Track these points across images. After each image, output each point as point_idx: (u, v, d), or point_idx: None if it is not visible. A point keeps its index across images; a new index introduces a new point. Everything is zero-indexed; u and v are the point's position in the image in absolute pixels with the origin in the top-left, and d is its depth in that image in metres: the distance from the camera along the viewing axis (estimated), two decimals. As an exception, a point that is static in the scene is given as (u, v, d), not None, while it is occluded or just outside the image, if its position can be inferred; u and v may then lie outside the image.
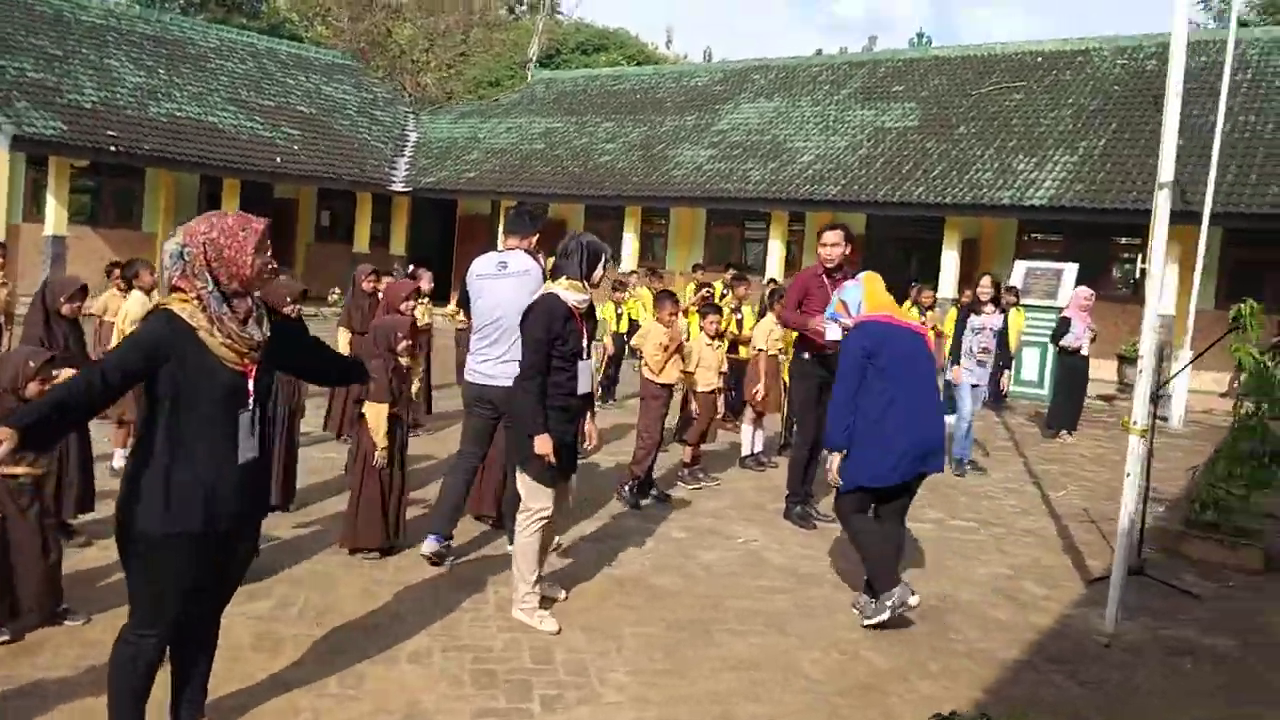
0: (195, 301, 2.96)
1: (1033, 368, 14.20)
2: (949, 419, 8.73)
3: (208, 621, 3.31)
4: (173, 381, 2.92)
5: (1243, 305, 6.78)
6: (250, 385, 3.04)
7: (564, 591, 5.01)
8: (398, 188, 22.75)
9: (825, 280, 6.66)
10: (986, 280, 9.09)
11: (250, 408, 3.05)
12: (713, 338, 7.64)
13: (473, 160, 23.04)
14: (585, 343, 4.72)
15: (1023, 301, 14.06)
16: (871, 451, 4.86)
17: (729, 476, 8.14)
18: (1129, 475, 5.18)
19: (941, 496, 8.07)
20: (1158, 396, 6.30)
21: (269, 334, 3.12)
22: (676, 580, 5.45)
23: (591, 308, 4.77)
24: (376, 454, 5.29)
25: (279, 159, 20.81)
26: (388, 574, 5.20)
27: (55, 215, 17.96)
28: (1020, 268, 15.11)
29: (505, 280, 5.43)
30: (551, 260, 4.92)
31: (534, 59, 41.85)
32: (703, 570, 5.67)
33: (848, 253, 6.75)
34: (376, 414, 5.32)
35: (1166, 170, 5.16)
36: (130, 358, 2.91)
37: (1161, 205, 5.15)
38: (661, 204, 20.15)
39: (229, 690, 3.77)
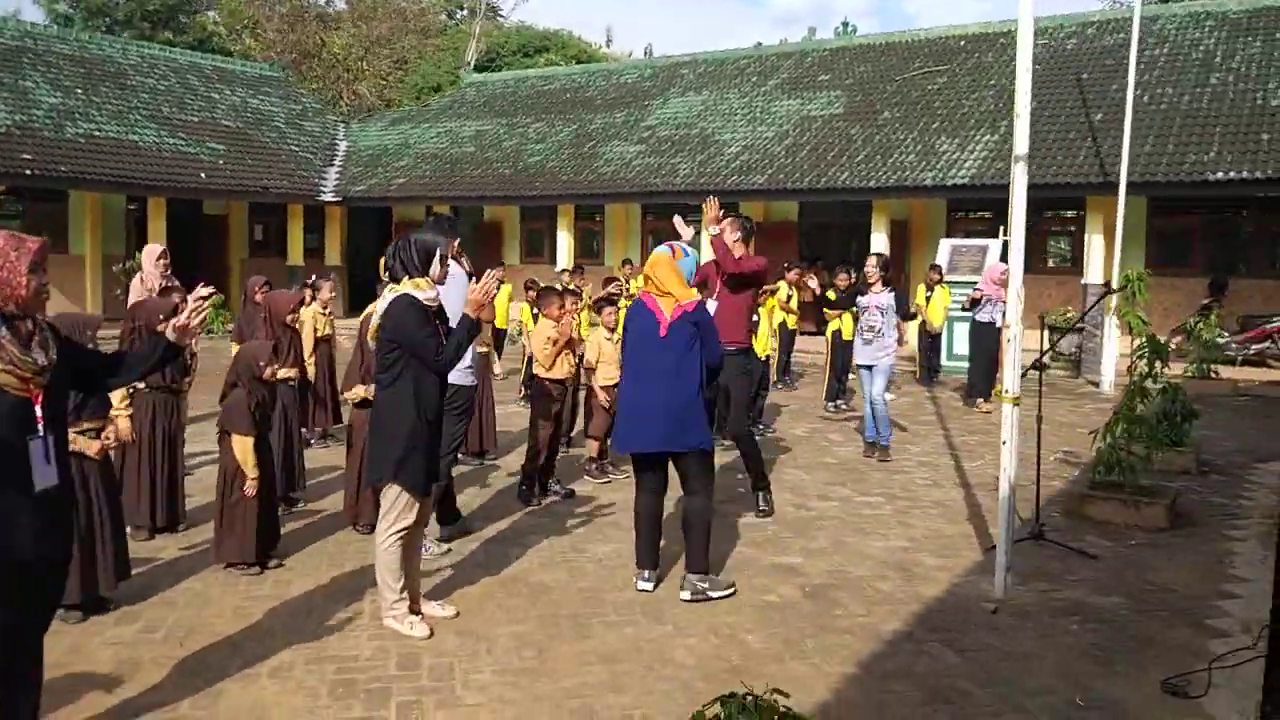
0: None
1: (963, 342, 14.30)
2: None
3: (25, 659, 3.15)
4: None
5: (1129, 272, 6.87)
6: (38, 411, 2.93)
7: (453, 609, 4.82)
8: (328, 198, 22.49)
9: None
10: (872, 260, 9.16)
11: (40, 433, 2.94)
12: (611, 330, 7.60)
13: (403, 166, 22.83)
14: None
15: (948, 278, 14.23)
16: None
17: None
18: (1004, 443, 5.21)
19: (852, 473, 8.13)
20: (1041, 366, 6.36)
21: (56, 357, 3.00)
22: (561, 576, 5.40)
23: (440, 306, 4.67)
24: (248, 484, 5.19)
25: (203, 174, 20.47)
26: (264, 589, 5.11)
27: (-28, 243, 17.51)
28: (945, 246, 15.25)
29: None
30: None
31: (471, 63, 41.63)
32: (592, 564, 5.63)
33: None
34: (243, 447, 5.21)
35: (1020, 144, 5.22)
36: None
37: (1017, 178, 5.22)
38: (591, 201, 20.10)
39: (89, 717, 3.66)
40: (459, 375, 5.94)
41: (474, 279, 6.47)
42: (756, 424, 9.52)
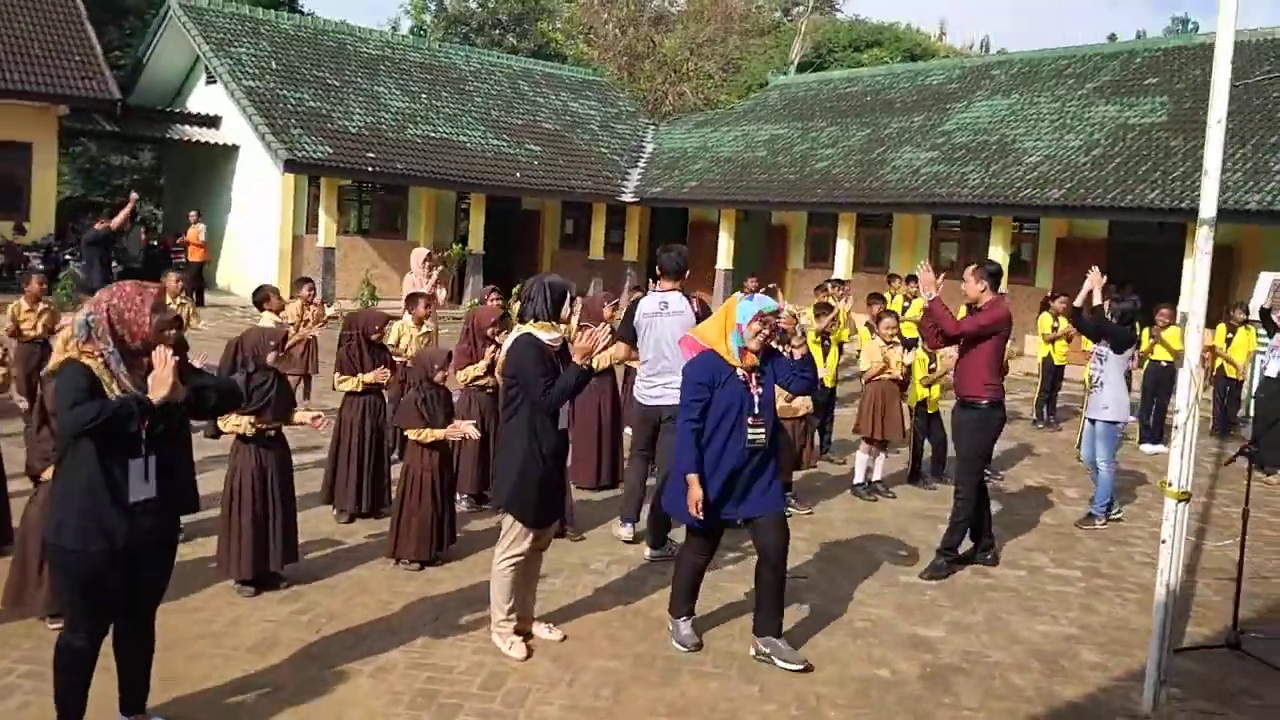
0: (99, 360, 3.46)
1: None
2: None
3: (134, 631, 3.79)
4: None
5: None
6: (144, 435, 3.49)
7: (560, 634, 5.06)
8: (627, 197, 23.62)
9: (965, 318, 6.57)
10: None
11: (142, 454, 3.50)
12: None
13: (697, 169, 23.46)
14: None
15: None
16: None
17: (824, 505, 7.93)
18: (1164, 542, 4.62)
19: (1063, 538, 7.44)
20: (1249, 453, 5.52)
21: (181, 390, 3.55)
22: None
23: (565, 345, 4.92)
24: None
25: (519, 174, 22.27)
26: (414, 585, 5.64)
27: (326, 228, 20.27)
28: (1265, 280, 13.33)
29: (668, 319, 6.35)
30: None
31: (796, 60, 41.71)
32: (722, 606, 5.64)
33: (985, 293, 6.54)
34: (415, 436, 5.79)
35: (1208, 205, 4.58)
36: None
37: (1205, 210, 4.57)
38: (871, 210, 19.56)
39: (205, 687, 4.31)
40: (671, 396, 6.07)
41: (699, 320, 6.62)
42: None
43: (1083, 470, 9.74)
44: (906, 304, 13.41)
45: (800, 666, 4.80)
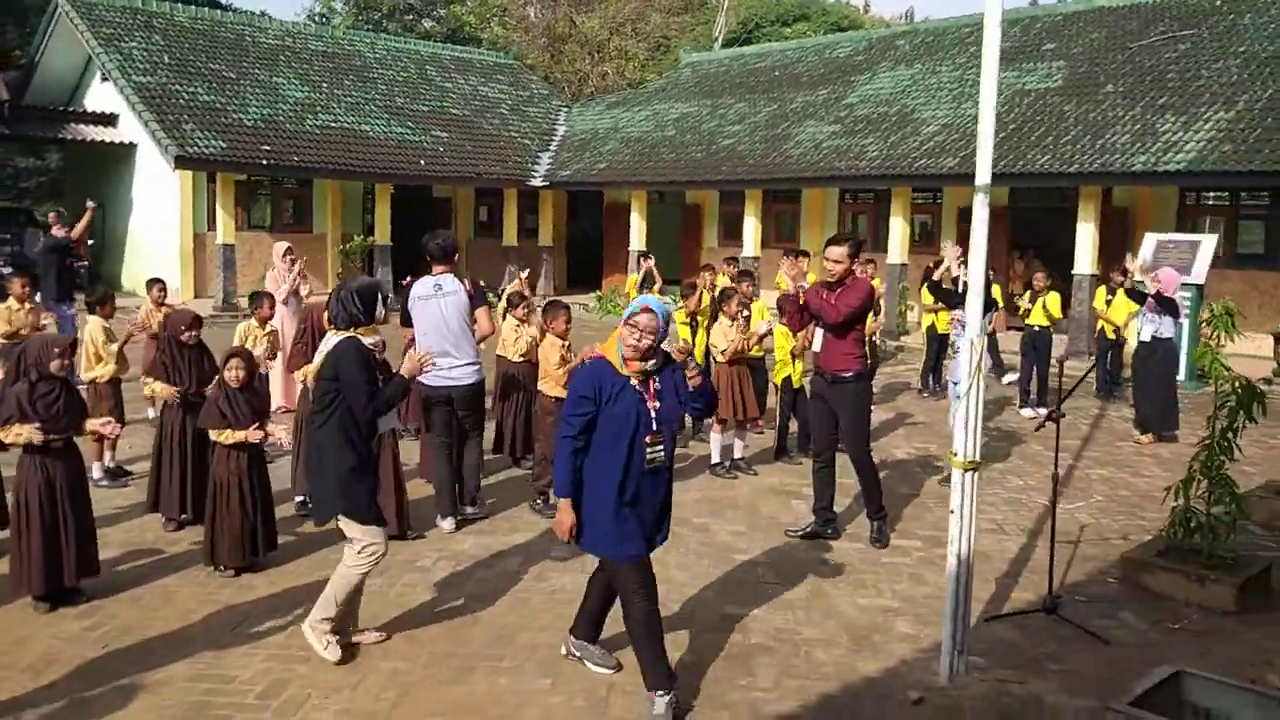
0: None
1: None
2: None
3: None
4: None
5: (1215, 305, 5.82)
6: None
7: (381, 635, 4.95)
8: (537, 182, 23.37)
9: (826, 292, 6.47)
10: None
11: None
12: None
13: (607, 151, 23.27)
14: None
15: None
16: None
17: (682, 486, 7.88)
18: (952, 512, 4.61)
19: (910, 509, 7.44)
20: (1058, 417, 5.55)
21: None
22: (501, 607, 5.37)
23: (385, 361, 4.83)
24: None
25: (423, 161, 21.90)
26: (225, 593, 5.47)
27: (224, 225, 19.77)
28: (1150, 240, 13.53)
29: (445, 299, 6.53)
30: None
31: (720, 38, 41.58)
32: (541, 597, 5.55)
33: (852, 267, 6.52)
34: (218, 437, 5.61)
35: (983, 173, 4.55)
36: None
37: (978, 209, 4.56)
38: (775, 185, 19.52)
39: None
40: (465, 375, 6.59)
41: (474, 299, 6.69)
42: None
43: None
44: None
45: (612, 670, 4.62)
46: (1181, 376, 11.78)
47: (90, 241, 17.76)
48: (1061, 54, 18.49)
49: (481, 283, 7.43)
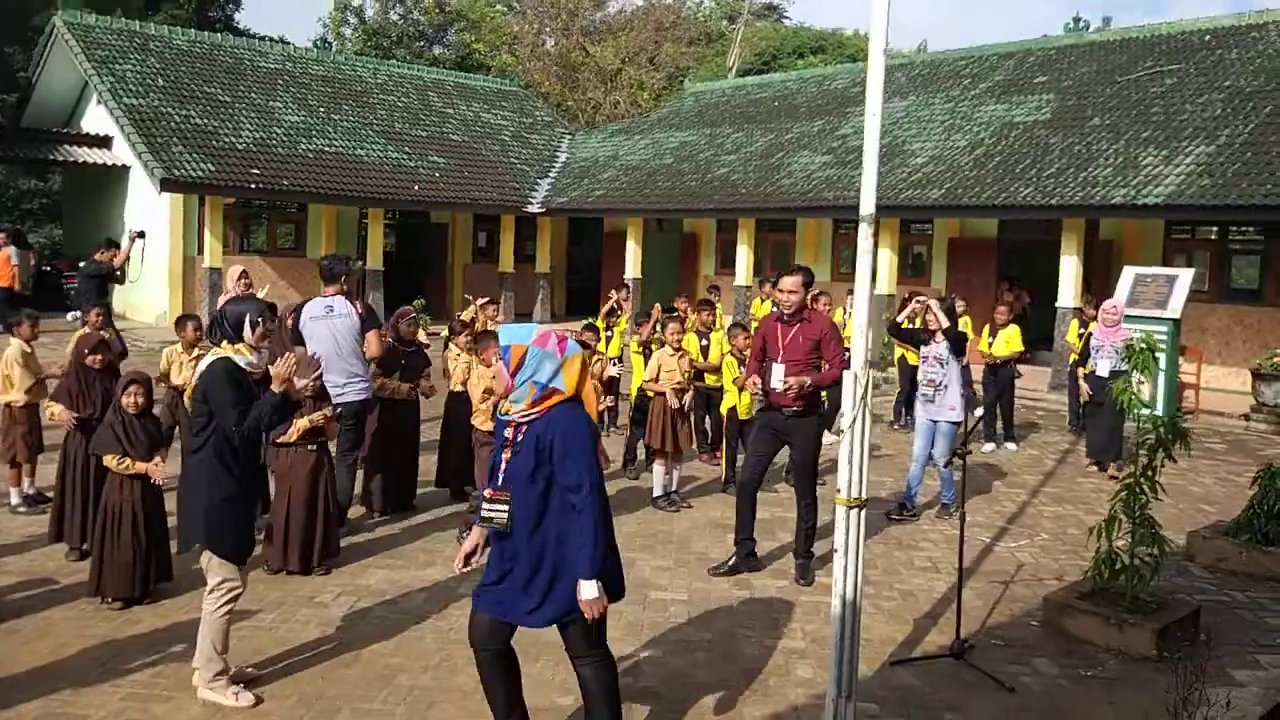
0: None
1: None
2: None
3: None
4: None
5: (1142, 337, 5.64)
6: None
7: (255, 672, 4.77)
8: (534, 208, 23.33)
9: (781, 327, 6.38)
10: (934, 303, 8.10)
11: None
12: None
13: (606, 178, 23.25)
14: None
15: (1130, 311, 12.39)
16: None
17: (621, 520, 7.68)
18: (837, 550, 4.40)
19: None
20: (964, 453, 5.34)
21: None
22: (389, 646, 5.19)
23: (266, 375, 4.68)
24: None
25: (416, 187, 21.91)
26: (106, 627, 5.30)
27: (211, 249, 19.82)
28: (1128, 274, 13.29)
29: (336, 321, 6.78)
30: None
31: (734, 67, 41.70)
32: (434, 635, 5.37)
33: (808, 298, 6.50)
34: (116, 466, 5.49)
35: (867, 203, 4.38)
36: None
37: (862, 241, 4.39)
38: (768, 215, 19.44)
39: None
40: (353, 391, 6.71)
41: (364, 322, 6.70)
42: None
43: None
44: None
45: None
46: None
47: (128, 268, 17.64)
48: (1052, 87, 18.34)
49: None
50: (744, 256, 19.92)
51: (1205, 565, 6.85)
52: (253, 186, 19.50)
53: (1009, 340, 10.90)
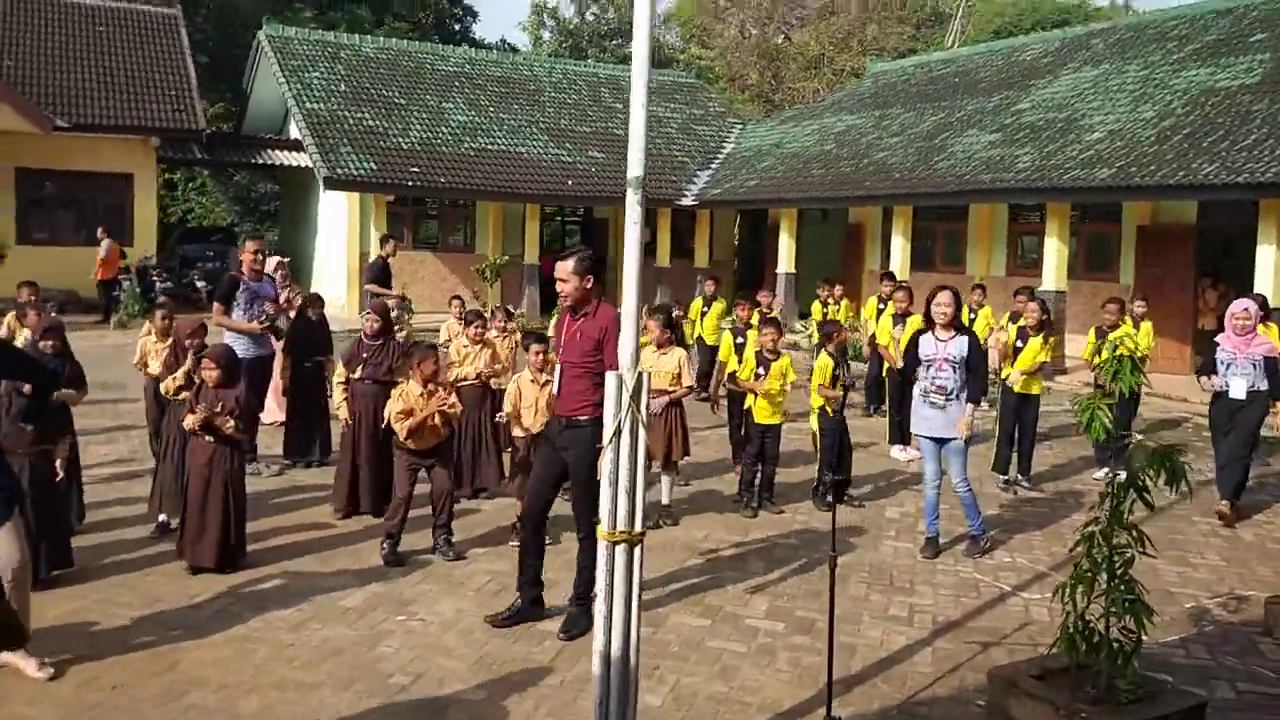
0: None
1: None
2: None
3: None
4: None
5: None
6: None
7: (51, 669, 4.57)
8: (687, 201, 22.74)
9: (568, 321, 5.31)
10: (944, 296, 6.76)
11: None
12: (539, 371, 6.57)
13: (763, 168, 22.26)
14: None
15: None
16: None
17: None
18: (594, 597, 3.57)
19: (803, 584, 6.13)
20: (832, 488, 4.29)
21: None
22: (224, 653, 4.82)
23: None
24: None
25: (570, 181, 21.89)
26: None
27: (375, 244, 20.61)
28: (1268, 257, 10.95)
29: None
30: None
31: (955, 45, 39.24)
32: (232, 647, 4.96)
33: (585, 287, 5.20)
34: None
35: (635, 165, 3.54)
36: None
37: (630, 204, 3.54)
38: (916, 200, 17.74)
39: None
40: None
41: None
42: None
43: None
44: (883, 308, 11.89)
45: None
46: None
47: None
48: (1270, 45, 15.60)
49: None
50: (899, 247, 18.33)
51: None
52: (410, 184, 20.13)
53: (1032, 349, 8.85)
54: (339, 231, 21.50)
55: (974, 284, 12.94)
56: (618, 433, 3.50)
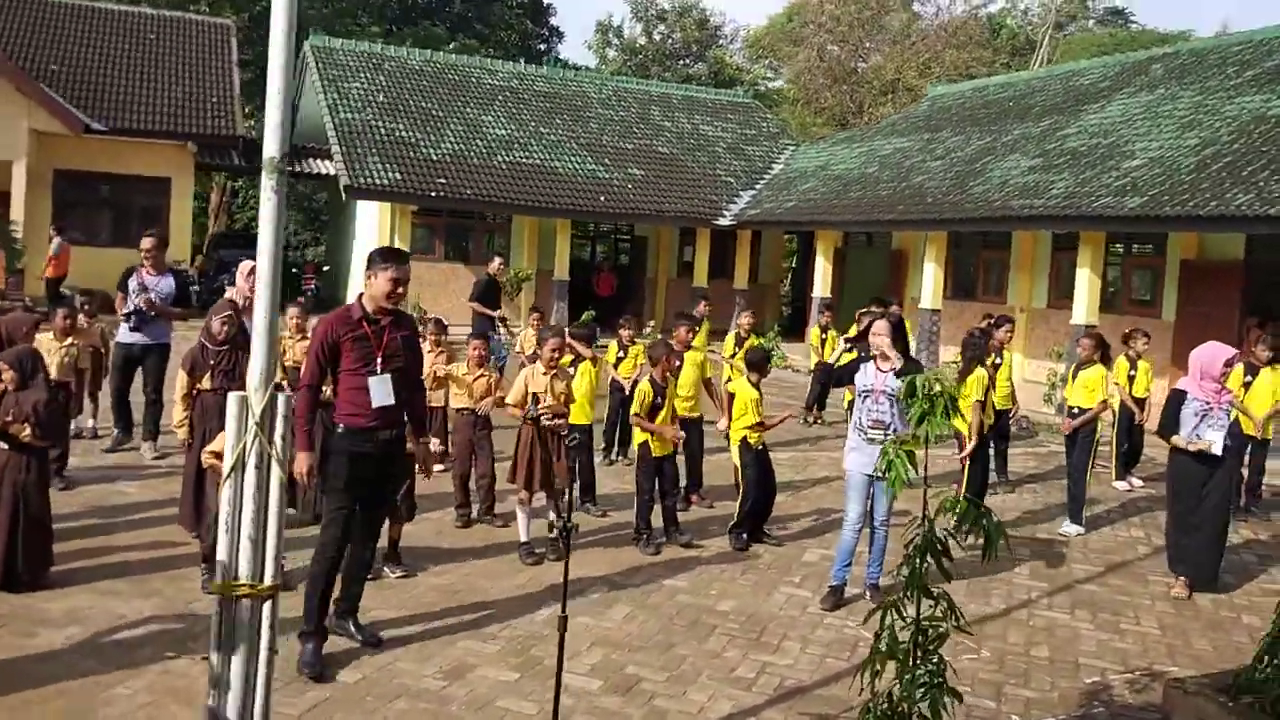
0: None
1: None
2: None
3: None
4: None
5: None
6: None
7: None
8: (724, 221, 22.13)
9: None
10: (880, 325, 6.10)
11: None
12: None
13: (805, 189, 21.54)
14: None
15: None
16: None
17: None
18: (205, 658, 3.05)
19: (686, 621, 5.51)
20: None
21: None
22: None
23: None
24: None
25: (603, 198, 21.49)
26: None
27: (404, 255, 20.57)
28: None
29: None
30: None
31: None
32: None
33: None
34: None
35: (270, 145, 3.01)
36: None
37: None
38: (950, 226, 16.83)
39: None
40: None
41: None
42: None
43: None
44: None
45: None
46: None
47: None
48: (1339, 70, 14.37)
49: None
50: (931, 274, 17.44)
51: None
52: (433, 195, 19.98)
53: (1091, 382, 8.25)
54: (370, 241, 21.50)
55: (1126, 332, 10.99)
56: (239, 466, 2.95)
